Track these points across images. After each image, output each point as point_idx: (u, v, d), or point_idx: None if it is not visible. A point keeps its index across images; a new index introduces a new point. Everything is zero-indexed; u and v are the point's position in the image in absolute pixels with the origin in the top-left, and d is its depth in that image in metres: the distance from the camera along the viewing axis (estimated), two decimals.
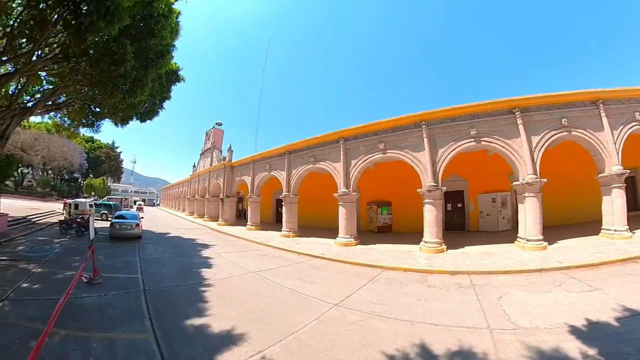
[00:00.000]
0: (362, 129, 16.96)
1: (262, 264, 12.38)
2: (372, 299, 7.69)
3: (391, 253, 13.44)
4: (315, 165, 19.83)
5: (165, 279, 9.49)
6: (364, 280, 9.62)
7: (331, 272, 10.95)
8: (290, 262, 12.72)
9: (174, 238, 19.71)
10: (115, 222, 17.11)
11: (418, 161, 14.62)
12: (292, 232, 20.91)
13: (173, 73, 20.64)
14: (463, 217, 19.93)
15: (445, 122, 14.25)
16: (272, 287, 9.03)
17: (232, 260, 12.92)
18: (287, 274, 10.69)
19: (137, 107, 19.10)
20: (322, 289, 8.77)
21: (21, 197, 47.87)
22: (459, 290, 8.34)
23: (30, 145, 51.44)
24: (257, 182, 26.46)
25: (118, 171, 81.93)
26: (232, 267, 11.64)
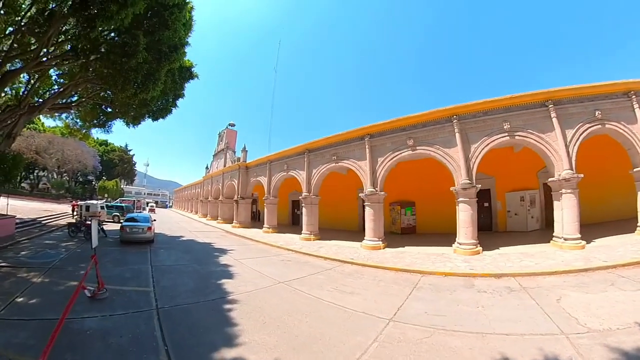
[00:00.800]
0: (389, 125, 15.74)
1: (289, 271, 10.97)
2: (426, 310, 6.76)
3: (424, 256, 12.48)
4: (337, 163, 18.50)
5: (181, 292, 8.00)
6: (407, 287, 8.64)
7: (367, 279, 9.77)
8: (319, 269, 11.32)
9: (188, 242, 18.35)
10: (125, 225, 15.84)
11: (450, 158, 13.62)
12: (313, 234, 19.56)
13: (186, 70, 19.51)
14: (490, 217, 18.77)
15: (478, 116, 13.34)
16: (308, 301, 7.62)
17: (255, 267, 11.44)
18: (320, 283, 9.32)
19: (149, 105, 17.98)
20: (367, 300, 7.56)
21: (36, 199, 47.44)
22: (512, 294, 7.68)
23: (45, 148, 51.22)
24: (274, 182, 25.13)
25: (131, 174, 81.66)
26: (257, 276, 10.14)
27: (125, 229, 15.50)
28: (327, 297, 7.84)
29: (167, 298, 7.47)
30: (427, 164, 16.59)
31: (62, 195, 54.80)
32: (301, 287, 8.77)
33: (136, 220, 16.79)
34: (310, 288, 8.69)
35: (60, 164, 54.85)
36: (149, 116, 19.59)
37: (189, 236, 21.11)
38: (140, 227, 15.79)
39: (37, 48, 13.32)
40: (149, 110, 18.82)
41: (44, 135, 52.00)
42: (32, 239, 15.70)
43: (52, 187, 56.36)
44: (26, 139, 49.15)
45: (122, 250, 13.90)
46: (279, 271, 10.97)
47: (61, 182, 58.38)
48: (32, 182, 63.20)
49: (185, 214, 55.95)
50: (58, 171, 58.64)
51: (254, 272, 10.68)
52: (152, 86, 14.89)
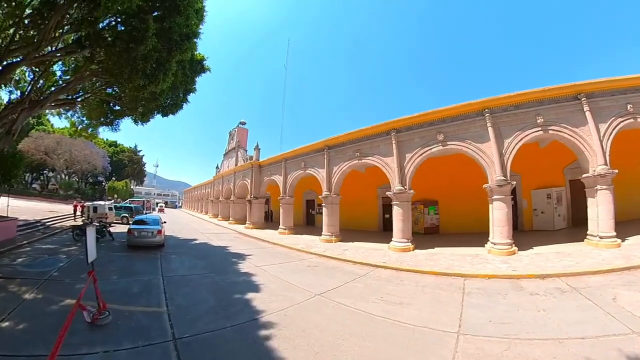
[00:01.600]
0: (417, 119, 14.73)
1: (320, 280, 9.58)
2: (490, 318, 6.14)
3: (459, 258, 11.71)
4: (361, 160, 17.24)
5: (202, 314, 6.42)
6: (456, 293, 7.89)
7: (409, 285, 8.82)
8: (353, 275, 10.01)
9: (201, 245, 16.84)
10: (133, 228, 14.33)
11: (483, 153, 12.86)
12: (334, 236, 18.17)
13: (197, 63, 18.09)
14: (515, 216, 17.21)
15: (509, 109, 12.62)
16: (357, 317, 6.37)
17: (281, 276, 9.91)
18: (361, 293, 8.10)
19: (158, 99, 16.59)
20: (421, 311, 6.64)
21: (44, 200, 46.57)
22: (565, 295, 7.29)
23: (53, 149, 50.32)
24: (289, 181, 23.61)
25: (141, 174, 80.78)
26: (286, 287, 8.61)
27: (133, 233, 14.03)
28: (376, 310, 6.69)
29: (186, 323, 5.89)
30: (450, 161, 15.83)
31: (70, 196, 53.89)
32: (342, 300, 7.41)
33: (145, 222, 15.27)
34: (353, 300, 7.38)
35: (68, 165, 53.94)
36: (159, 112, 18.20)
37: (201, 239, 19.61)
38: (150, 231, 14.29)
39: (39, 40, 12.02)
40: (159, 105, 17.41)
41: (53, 136, 51.22)
42: (34, 242, 14.34)
43: (60, 187, 55.45)
44: (35, 140, 48.38)
45: (129, 256, 12.40)
46: (309, 280, 9.58)
47: (69, 182, 57.51)
48: (42, 183, 62.59)
49: (195, 214, 54.70)
50: (67, 172, 57.81)
51: (281, 282, 9.15)
52: (163, 77, 13.59)
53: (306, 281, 9.32)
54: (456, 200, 19.07)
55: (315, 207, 30.09)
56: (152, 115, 19.36)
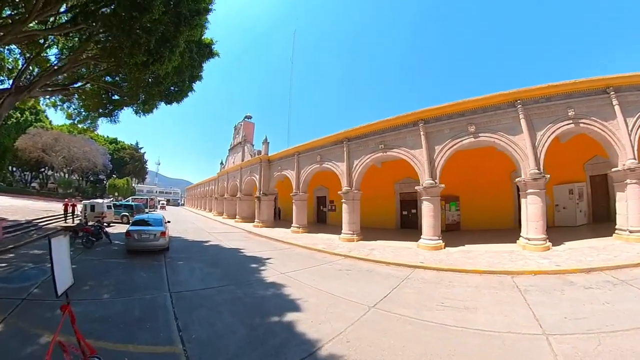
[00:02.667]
0: (446, 109, 13.81)
1: (362, 286, 8.18)
2: (563, 315, 5.75)
3: (495, 255, 11.07)
4: (386, 153, 15.91)
5: (234, 353, 4.44)
6: (513, 292, 7.38)
7: (461, 287, 7.97)
8: (394, 279, 8.77)
9: (210, 248, 14.77)
10: (133, 230, 12.13)
11: (516, 146, 12.30)
12: (356, 234, 16.65)
13: (206, 47, 16.07)
14: None
15: (540, 101, 12.17)
16: (432, 331, 5.30)
17: (315, 284, 8.18)
18: (417, 300, 6.99)
19: (162, 83, 14.62)
20: (493, 315, 5.95)
21: (42, 199, 44.60)
22: (618, 287, 7.11)
23: (51, 146, 48.23)
24: (303, 176, 21.72)
25: (142, 172, 78.60)
26: (330, 300, 6.89)
27: (132, 235, 11.91)
28: (447, 319, 5.80)
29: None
30: (470, 155, 15.22)
31: (69, 195, 51.88)
32: (403, 311, 6.20)
33: (146, 223, 13.05)
34: (415, 310, 6.26)
35: (67, 162, 51.80)
36: (162, 99, 16.19)
37: (209, 239, 17.58)
38: (152, 232, 12.18)
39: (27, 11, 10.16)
40: (162, 92, 15.40)
41: (51, 133, 49.15)
42: (21, 246, 12.34)
43: (59, 185, 53.33)
44: (32, 137, 46.33)
45: (128, 263, 10.34)
46: (350, 287, 8.05)
47: (68, 180, 55.43)
48: (42, 181, 60.55)
49: (198, 212, 52.56)
50: (66, 170, 55.69)
51: (320, 294, 7.40)
52: (169, 55, 11.81)
53: (347, 289, 7.77)
54: (476, 196, 18.36)
55: (327, 204, 28.29)
56: (154, 104, 17.46)
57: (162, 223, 13.22)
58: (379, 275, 9.28)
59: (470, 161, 16.38)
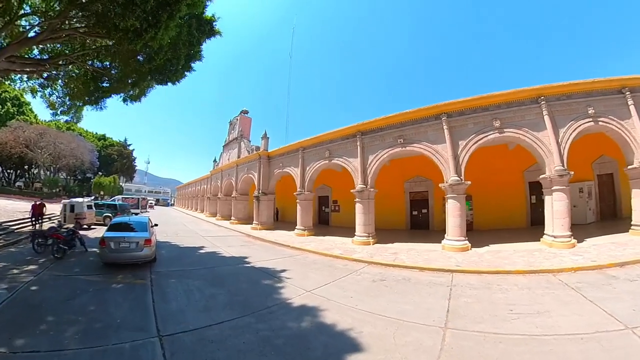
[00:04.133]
0: (470, 103, 13.01)
1: (413, 300, 6.82)
2: (632, 307, 5.51)
3: (526, 254, 10.59)
4: (405, 148, 14.49)
5: None
6: (567, 290, 6.86)
7: (515, 290, 7.26)
8: (441, 288, 7.72)
9: (207, 257, 12.13)
10: (108, 237, 9.28)
11: (540, 142, 11.97)
12: (372, 237, 14.95)
13: (206, 23, 13.79)
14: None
15: (562, 98, 11.96)
16: (531, 346, 4.44)
17: (355, 304, 6.47)
18: (485, 310, 6.01)
19: (155, 59, 12.28)
20: (571, 317, 5.36)
21: (24, 198, 41.09)
22: None
23: (35, 141, 44.66)
24: (309, 174, 19.43)
25: (131, 170, 74.68)
26: (387, 325, 5.37)
27: (107, 244, 9.10)
28: (530, 328, 5.05)
29: None
30: (483, 153, 14.33)
31: (55, 194, 48.34)
32: (479, 327, 5.24)
33: (127, 227, 10.20)
34: (490, 324, 5.36)
35: (54, 160, 48.17)
36: (155, 78, 13.74)
37: (205, 245, 15.00)
38: (133, 240, 9.36)
39: None
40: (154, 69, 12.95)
41: (34, 127, 45.44)
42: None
43: (44, 184, 49.63)
44: (14, 130, 42.69)
45: (102, 283, 7.66)
46: (401, 304, 6.54)
47: (54, 179, 51.73)
48: (27, 180, 56.66)
49: (189, 212, 49.48)
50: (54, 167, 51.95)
51: (372, 318, 5.71)
52: (166, 21, 9.58)
53: (399, 307, 6.30)
54: (488, 196, 17.55)
55: (329, 204, 26.04)
56: (145, 88, 15.16)
57: (146, 227, 10.41)
58: (421, 284, 8.07)
59: (482, 160, 15.01)
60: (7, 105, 45.52)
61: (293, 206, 27.96)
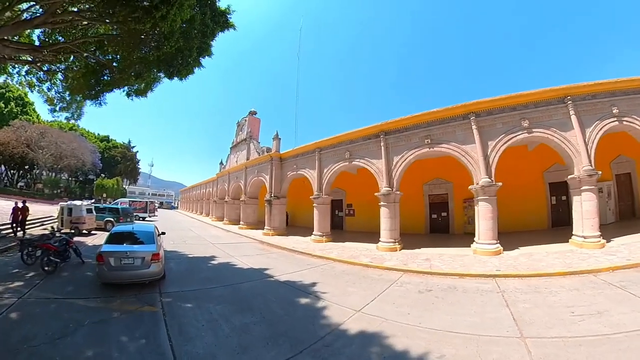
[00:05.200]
0: (497, 103, 12.50)
1: (473, 311, 6.17)
2: None
3: (558, 255, 10.30)
4: (432, 148, 13.66)
5: None
6: (615, 289, 6.72)
7: (565, 292, 6.90)
8: (493, 294, 7.25)
9: (224, 271, 10.36)
10: (107, 252, 7.38)
11: (568, 142, 11.68)
12: (397, 242, 13.91)
13: (221, 14, 12.41)
14: (568, 211, 15.39)
15: (587, 98, 11.72)
16: (615, 345, 4.37)
17: (417, 322, 5.64)
18: (551, 315, 5.60)
19: (164, 46, 10.86)
20: (632, 315, 5.36)
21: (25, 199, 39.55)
22: None
23: (36, 141, 43.13)
24: (327, 176, 17.93)
25: (134, 172, 73.04)
26: (466, 345, 4.69)
27: (106, 260, 7.22)
28: (603, 329, 4.86)
29: None
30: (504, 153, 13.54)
31: (56, 195, 46.75)
32: (553, 332, 4.89)
33: (130, 238, 8.31)
34: (563, 328, 5.03)
35: (55, 160, 46.54)
36: (162, 70, 12.23)
37: (217, 254, 13.34)
38: (138, 255, 7.49)
39: None
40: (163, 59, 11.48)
41: (36, 126, 43.94)
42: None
43: (45, 185, 47.99)
44: (16, 130, 41.18)
45: (100, 312, 5.93)
46: (464, 317, 5.87)
47: (55, 180, 50.11)
48: (29, 180, 55.04)
49: (194, 216, 47.77)
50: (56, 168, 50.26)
51: (446, 338, 4.96)
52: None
53: (465, 320, 5.67)
54: (508, 198, 16.43)
55: (343, 208, 24.48)
56: (151, 81, 13.80)
57: (153, 238, 8.50)
58: (470, 292, 7.52)
59: (501, 161, 14.34)
60: (10, 105, 44.10)
61: (303, 210, 26.51)
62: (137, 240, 8.27)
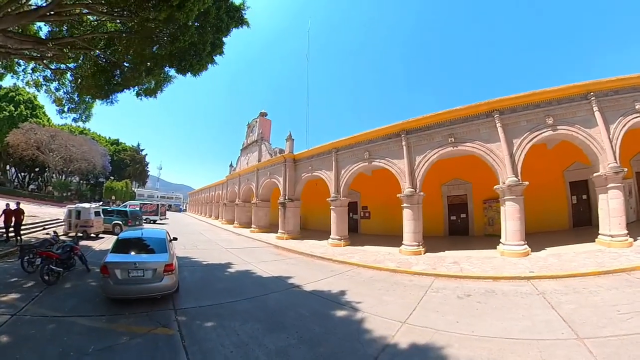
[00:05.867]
0: (521, 100, 12.10)
1: (520, 315, 5.87)
2: None
3: (587, 255, 9.94)
4: (456, 147, 13.14)
5: None
6: None
7: (604, 292, 6.74)
8: (533, 297, 6.91)
9: (244, 279, 9.42)
10: (113, 262, 6.38)
11: (593, 139, 11.23)
12: (422, 245, 13.32)
13: (235, 10, 11.65)
14: (589, 210, 15.67)
15: (609, 94, 11.17)
16: None
17: (481, 331, 5.21)
18: (598, 315, 5.45)
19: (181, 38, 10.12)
20: None
21: (34, 201, 39.14)
22: None
23: (46, 144, 42.79)
24: (345, 178, 17.07)
25: (143, 175, 72.72)
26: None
27: (112, 273, 6.21)
28: None
29: None
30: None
31: (66, 198, 46.34)
32: (607, 331, 4.84)
33: (139, 245, 7.24)
34: (615, 327, 4.96)
35: (65, 162, 46.18)
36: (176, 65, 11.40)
37: (232, 260, 12.38)
38: (148, 266, 6.48)
39: None
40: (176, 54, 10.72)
41: (46, 129, 43.65)
42: None
43: (54, 188, 47.63)
44: (25, 132, 40.88)
45: (105, 334, 5.01)
46: (518, 322, 5.50)
47: (64, 182, 49.70)
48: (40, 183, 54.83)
49: (203, 219, 46.97)
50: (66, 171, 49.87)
51: (509, 345, 4.68)
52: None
53: (517, 326, 5.33)
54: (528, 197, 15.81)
55: (358, 210, 23.48)
56: (162, 81, 13.07)
57: (165, 246, 7.36)
58: (511, 296, 7.26)
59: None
60: (20, 108, 43.92)
61: (315, 213, 25.53)
62: (147, 249, 7.23)
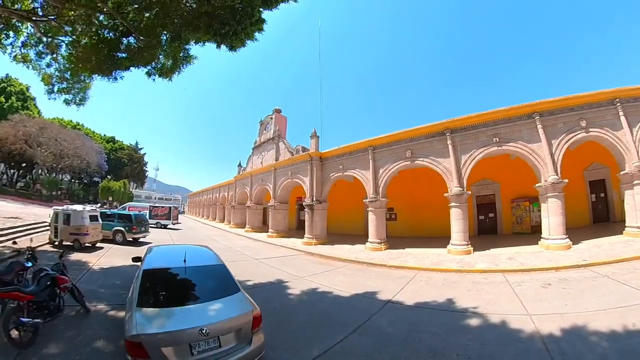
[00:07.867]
0: (558, 103, 12.54)
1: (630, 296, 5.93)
2: None
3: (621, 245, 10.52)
4: (501, 147, 13.25)
5: None
6: None
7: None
8: (613, 280, 7.20)
9: (320, 301, 7.34)
10: (153, 334, 3.35)
11: (619, 141, 11.95)
12: (469, 244, 12.99)
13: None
14: (607, 208, 16.54)
15: (630, 101, 11.94)
16: None
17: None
18: None
19: (219, 14, 7.83)
20: None
21: (20, 200, 36.07)
22: None
23: (35, 137, 39.38)
24: (384, 177, 15.79)
25: (141, 175, 69.31)
26: None
27: (157, 355, 3.23)
28: None
29: None
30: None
31: (55, 197, 43.11)
32: None
33: (187, 285, 4.32)
34: None
35: (55, 158, 42.56)
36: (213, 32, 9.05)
37: (276, 274, 10.31)
38: (223, 329, 3.65)
39: None
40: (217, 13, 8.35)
41: (35, 121, 40.34)
42: None
43: (43, 186, 44.20)
44: (15, 124, 37.67)
45: None
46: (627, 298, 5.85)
47: (54, 180, 46.33)
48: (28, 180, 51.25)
49: (207, 222, 44.09)
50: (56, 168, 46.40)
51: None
52: None
53: (613, 300, 5.91)
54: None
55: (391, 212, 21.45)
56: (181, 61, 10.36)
57: (230, 279, 4.62)
58: (583, 280, 7.56)
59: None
60: (11, 99, 40.95)
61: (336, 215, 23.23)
62: (204, 290, 4.29)
